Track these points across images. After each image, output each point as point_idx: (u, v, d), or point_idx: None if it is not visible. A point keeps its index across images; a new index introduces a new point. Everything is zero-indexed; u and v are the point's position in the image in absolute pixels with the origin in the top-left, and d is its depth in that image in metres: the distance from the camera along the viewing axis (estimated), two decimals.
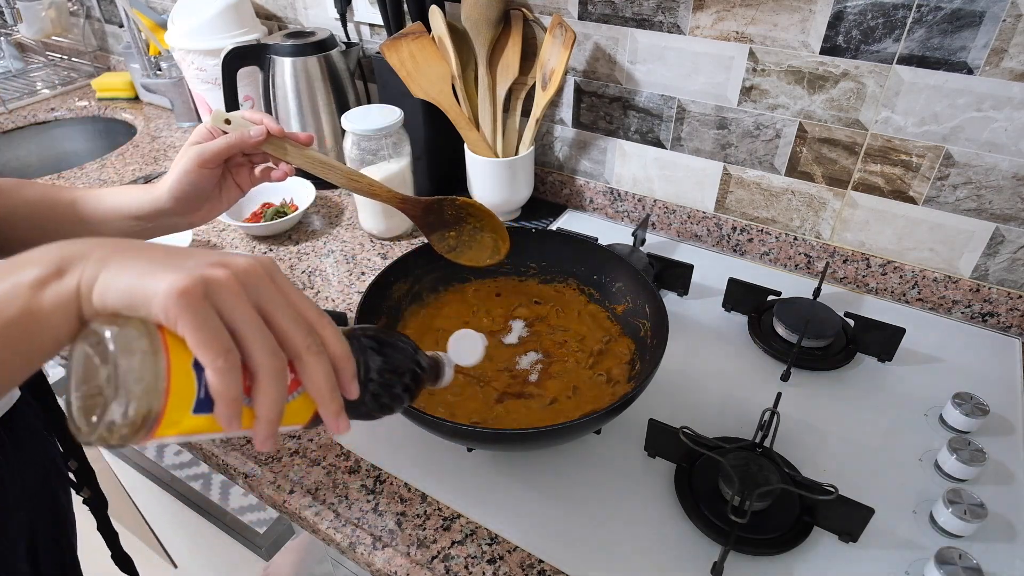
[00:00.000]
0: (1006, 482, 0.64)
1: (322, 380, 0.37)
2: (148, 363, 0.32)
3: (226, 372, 0.33)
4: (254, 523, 0.81)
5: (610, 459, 0.67)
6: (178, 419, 0.33)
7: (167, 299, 0.32)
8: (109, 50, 1.71)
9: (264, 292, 0.36)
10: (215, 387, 0.33)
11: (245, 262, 0.36)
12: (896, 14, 0.73)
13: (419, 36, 0.94)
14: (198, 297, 0.32)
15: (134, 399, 0.31)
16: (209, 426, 0.34)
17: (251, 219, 1.06)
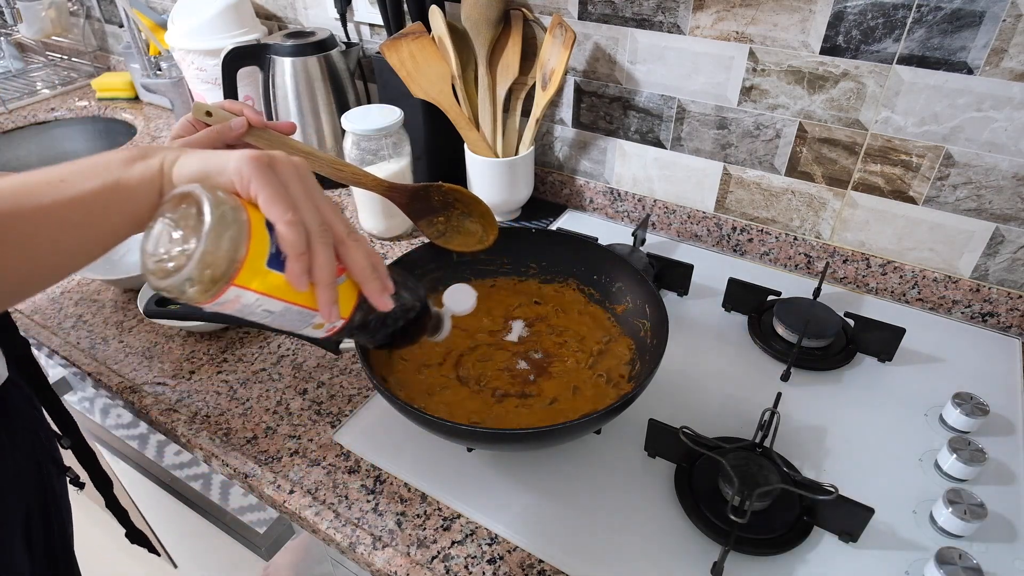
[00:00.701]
0: (1006, 482, 0.64)
1: (364, 260, 0.42)
2: (232, 215, 0.36)
3: (295, 225, 0.38)
4: (254, 523, 0.81)
5: (610, 459, 0.67)
6: (254, 271, 0.37)
7: (240, 164, 0.37)
8: (109, 50, 1.71)
9: (310, 183, 0.40)
10: (286, 239, 0.37)
11: (296, 158, 0.41)
12: (896, 14, 0.73)
13: (419, 36, 0.94)
14: (265, 164, 0.38)
15: (221, 247, 0.35)
16: (278, 287, 0.38)
17: None
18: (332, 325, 0.44)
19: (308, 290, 0.40)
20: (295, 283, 0.38)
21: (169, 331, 0.85)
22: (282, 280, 0.38)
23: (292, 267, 0.38)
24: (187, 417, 0.73)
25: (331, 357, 0.80)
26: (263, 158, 0.38)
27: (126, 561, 1.61)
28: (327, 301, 0.40)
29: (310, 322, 0.42)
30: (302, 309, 0.41)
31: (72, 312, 0.89)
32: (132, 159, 0.39)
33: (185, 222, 0.36)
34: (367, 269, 0.42)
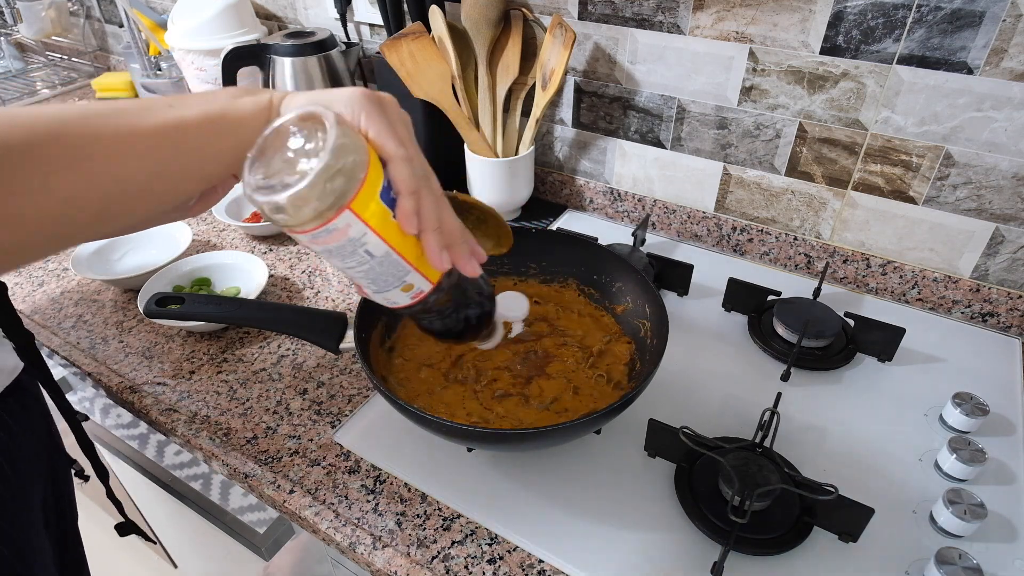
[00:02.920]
0: (1006, 482, 0.64)
1: (456, 222, 0.42)
2: (352, 137, 0.36)
3: (409, 161, 0.38)
4: (254, 523, 0.81)
5: (610, 459, 0.67)
6: (369, 197, 0.36)
7: (351, 97, 0.38)
8: (109, 50, 1.71)
9: (411, 128, 0.42)
10: (400, 174, 0.38)
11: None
12: (896, 14, 0.73)
13: (419, 36, 0.94)
14: (375, 101, 0.39)
15: (343, 164, 0.34)
16: (387, 224, 0.38)
17: (251, 219, 1.06)
18: (420, 290, 0.43)
19: (411, 241, 0.39)
20: (405, 222, 0.38)
21: (169, 331, 0.85)
22: (390, 219, 0.38)
23: (404, 204, 0.37)
24: (187, 417, 0.73)
25: (331, 357, 0.80)
26: (373, 96, 0.39)
27: (126, 561, 1.61)
28: (435, 246, 0.39)
29: (402, 280, 0.41)
30: (400, 260, 0.40)
31: (72, 312, 0.89)
32: (241, 93, 0.40)
33: (304, 141, 0.35)
34: (458, 231, 0.41)
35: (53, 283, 0.95)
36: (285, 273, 0.96)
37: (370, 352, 0.68)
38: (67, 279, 0.96)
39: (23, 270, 0.98)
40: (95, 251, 0.94)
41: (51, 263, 0.99)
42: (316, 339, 0.68)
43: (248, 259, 0.91)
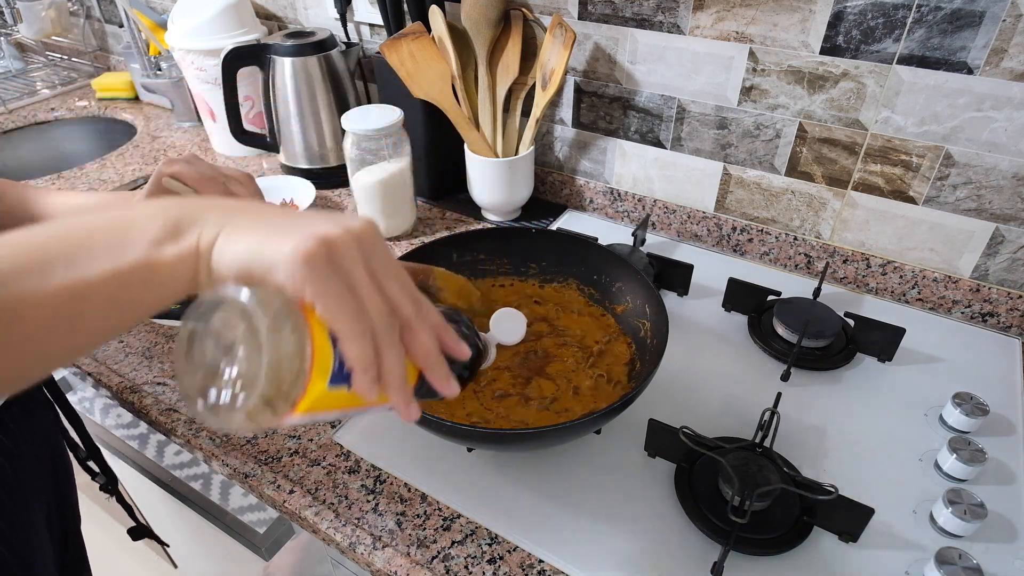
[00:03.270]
0: (1006, 482, 0.64)
1: (431, 346, 0.36)
2: (290, 337, 0.30)
3: (362, 336, 0.32)
4: (254, 523, 0.81)
5: (610, 459, 0.67)
6: (317, 396, 0.32)
7: (293, 264, 0.31)
8: (109, 50, 1.71)
9: (376, 257, 0.35)
10: (352, 353, 0.32)
11: (360, 224, 0.35)
12: (896, 14, 0.73)
13: (419, 36, 0.94)
14: (323, 261, 0.32)
15: (278, 378, 0.30)
16: (342, 399, 0.34)
17: None
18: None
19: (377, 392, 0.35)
20: (364, 395, 0.34)
21: (169, 331, 0.85)
22: (348, 393, 0.34)
23: (359, 381, 0.33)
24: (187, 417, 0.73)
25: None
26: (320, 253, 0.32)
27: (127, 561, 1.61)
28: (401, 402, 0.36)
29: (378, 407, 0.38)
30: (367, 407, 0.37)
31: None
32: (163, 238, 0.33)
33: (233, 337, 0.30)
34: (431, 355, 0.37)
35: None
36: None
37: None
38: None
39: None
40: None
41: None
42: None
43: None
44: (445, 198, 1.13)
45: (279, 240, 0.32)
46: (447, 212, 1.09)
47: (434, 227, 1.06)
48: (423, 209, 1.10)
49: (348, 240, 0.33)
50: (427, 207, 1.11)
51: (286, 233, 0.32)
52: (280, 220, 0.34)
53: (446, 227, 1.06)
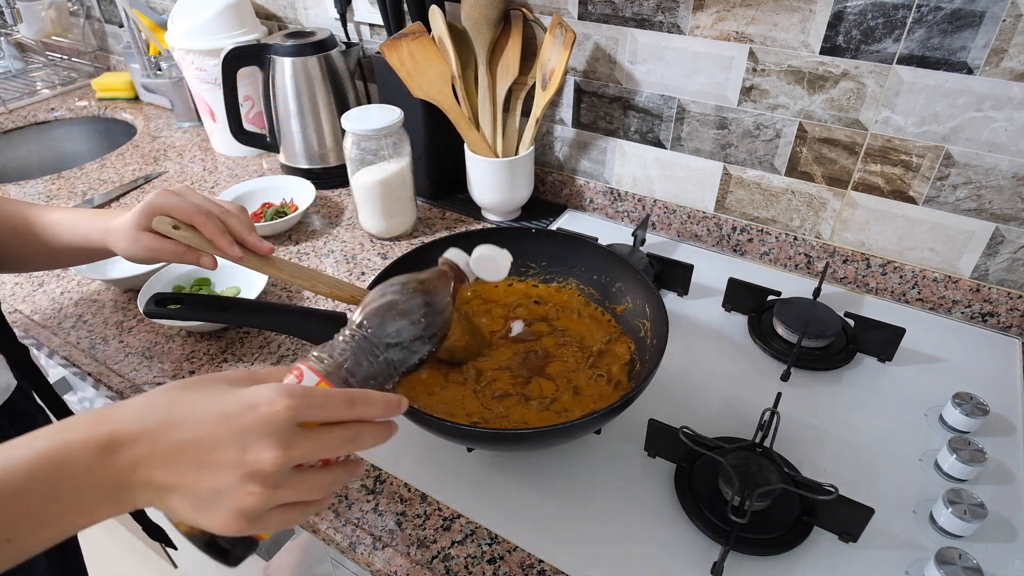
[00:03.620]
0: (1006, 482, 0.64)
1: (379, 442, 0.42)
2: None
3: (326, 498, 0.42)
4: None
5: (610, 459, 0.67)
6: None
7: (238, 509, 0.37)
8: (109, 50, 1.71)
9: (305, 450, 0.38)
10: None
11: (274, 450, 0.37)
12: (896, 14, 0.73)
13: (419, 36, 0.94)
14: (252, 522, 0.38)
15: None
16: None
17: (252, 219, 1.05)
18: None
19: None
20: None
21: (169, 331, 0.85)
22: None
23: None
24: None
25: None
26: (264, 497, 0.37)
27: (127, 562, 1.61)
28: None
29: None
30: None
31: (72, 312, 0.89)
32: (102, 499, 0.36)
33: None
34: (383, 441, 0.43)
35: (53, 283, 0.95)
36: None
37: None
38: (67, 279, 0.96)
39: None
40: None
41: None
42: (316, 339, 0.68)
43: None
44: (445, 198, 1.13)
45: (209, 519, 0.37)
46: (447, 212, 1.09)
47: (434, 227, 1.06)
48: (423, 209, 1.10)
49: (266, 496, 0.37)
50: (427, 207, 1.11)
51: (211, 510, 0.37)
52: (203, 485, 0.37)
53: (446, 227, 1.06)
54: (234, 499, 0.37)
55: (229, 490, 0.37)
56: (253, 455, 0.36)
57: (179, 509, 0.37)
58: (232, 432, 0.37)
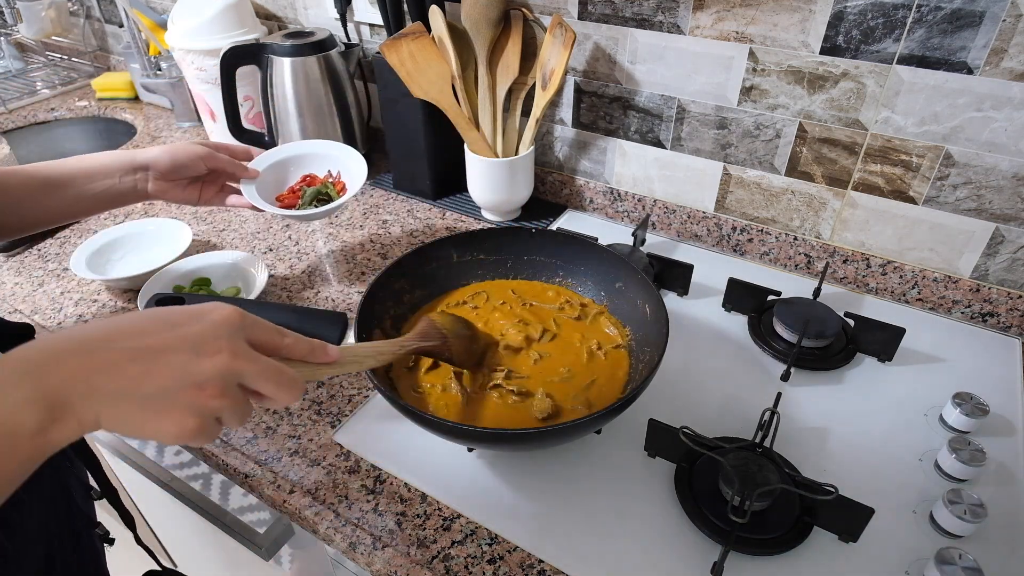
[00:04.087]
0: (1006, 482, 0.64)
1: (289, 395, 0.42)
2: None
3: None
4: (254, 523, 0.81)
5: (610, 459, 0.67)
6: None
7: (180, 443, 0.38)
8: (109, 50, 1.71)
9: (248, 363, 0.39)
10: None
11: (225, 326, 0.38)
12: (896, 14, 0.73)
13: (419, 36, 0.94)
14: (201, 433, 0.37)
15: None
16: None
17: (287, 197, 0.89)
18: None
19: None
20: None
21: None
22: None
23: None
24: None
25: None
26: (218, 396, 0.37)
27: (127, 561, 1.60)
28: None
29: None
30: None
31: (72, 312, 0.89)
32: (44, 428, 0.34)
33: None
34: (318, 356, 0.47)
35: (53, 283, 0.95)
36: (285, 273, 0.96)
37: None
38: (67, 279, 0.96)
39: (23, 270, 0.98)
40: (95, 251, 0.94)
41: (51, 263, 0.99)
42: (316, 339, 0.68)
43: (248, 259, 0.91)
44: (445, 198, 1.13)
45: (157, 421, 0.36)
46: (447, 212, 1.09)
47: (434, 227, 1.06)
48: (423, 209, 1.10)
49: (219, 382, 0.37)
50: (427, 207, 1.11)
51: (161, 410, 0.36)
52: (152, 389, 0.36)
53: (446, 227, 1.06)
54: (188, 396, 0.36)
55: (182, 388, 0.36)
56: (206, 356, 0.37)
57: (127, 416, 0.36)
58: (181, 337, 0.37)
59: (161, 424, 0.36)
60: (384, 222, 1.07)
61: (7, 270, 0.98)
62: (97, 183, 0.73)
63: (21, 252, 1.02)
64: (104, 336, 0.36)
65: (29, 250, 1.03)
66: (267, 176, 0.87)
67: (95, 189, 0.73)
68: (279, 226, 1.06)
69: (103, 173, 0.74)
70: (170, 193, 0.78)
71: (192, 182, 0.80)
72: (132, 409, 0.36)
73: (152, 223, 1.00)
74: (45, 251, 1.02)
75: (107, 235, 0.97)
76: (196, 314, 0.38)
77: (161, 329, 0.37)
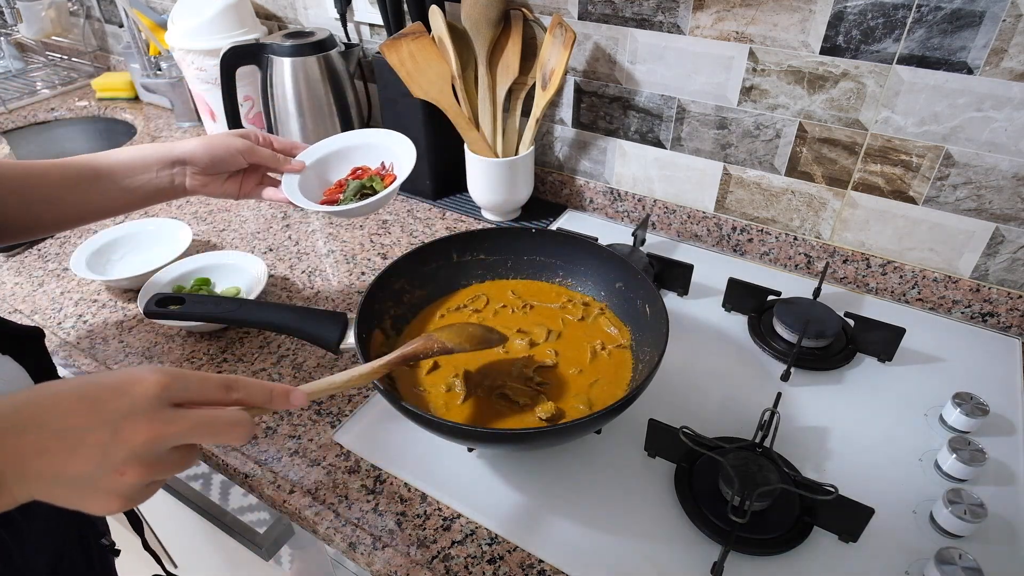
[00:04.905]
0: (1006, 482, 0.64)
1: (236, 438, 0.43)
2: None
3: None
4: (254, 523, 0.81)
5: (610, 459, 0.67)
6: None
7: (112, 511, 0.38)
8: (109, 50, 1.71)
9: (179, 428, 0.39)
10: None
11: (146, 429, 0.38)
12: (896, 14, 0.73)
13: (419, 36, 0.94)
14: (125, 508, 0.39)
15: None
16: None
17: (335, 191, 0.79)
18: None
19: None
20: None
21: (169, 331, 0.85)
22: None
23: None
24: None
25: (331, 357, 0.80)
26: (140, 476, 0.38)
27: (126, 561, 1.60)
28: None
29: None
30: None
31: (72, 312, 0.89)
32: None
33: None
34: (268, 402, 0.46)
35: (53, 283, 0.95)
36: (285, 273, 0.96)
37: (370, 352, 0.68)
38: (67, 279, 0.96)
39: (23, 270, 0.98)
40: (95, 251, 0.94)
41: (51, 263, 0.99)
42: (316, 339, 0.68)
43: (248, 259, 0.91)
44: (445, 198, 1.13)
45: (84, 502, 0.38)
46: (447, 212, 1.09)
47: (434, 227, 1.06)
48: (423, 209, 1.10)
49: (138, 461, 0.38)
50: (427, 207, 1.11)
51: (86, 493, 0.37)
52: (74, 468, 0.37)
53: (446, 227, 1.06)
54: (109, 480, 0.37)
55: (103, 473, 0.37)
56: (123, 436, 0.37)
57: (56, 497, 0.38)
58: (101, 417, 0.37)
59: (87, 504, 0.38)
60: (384, 222, 1.07)
61: (7, 270, 0.98)
62: (136, 177, 0.71)
63: (21, 252, 1.02)
64: (29, 417, 0.37)
65: (29, 250, 1.03)
66: (313, 170, 0.79)
67: (134, 183, 0.71)
68: (279, 226, 1.07)
69: (142, 167, 0.71)
70: (209, 187, 0.75)
71: (232, 176, 0.76)
72: (61, 491, 0.37)
73: (152, 223, 1.00)
74: (45, 251, 1.02)
75: (107, 235, 0.97)
76: (119, 388, 0.38)
77: (85, 409, 0.38)
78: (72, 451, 0.36)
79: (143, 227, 1.00)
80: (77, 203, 0.70)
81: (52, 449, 0.36)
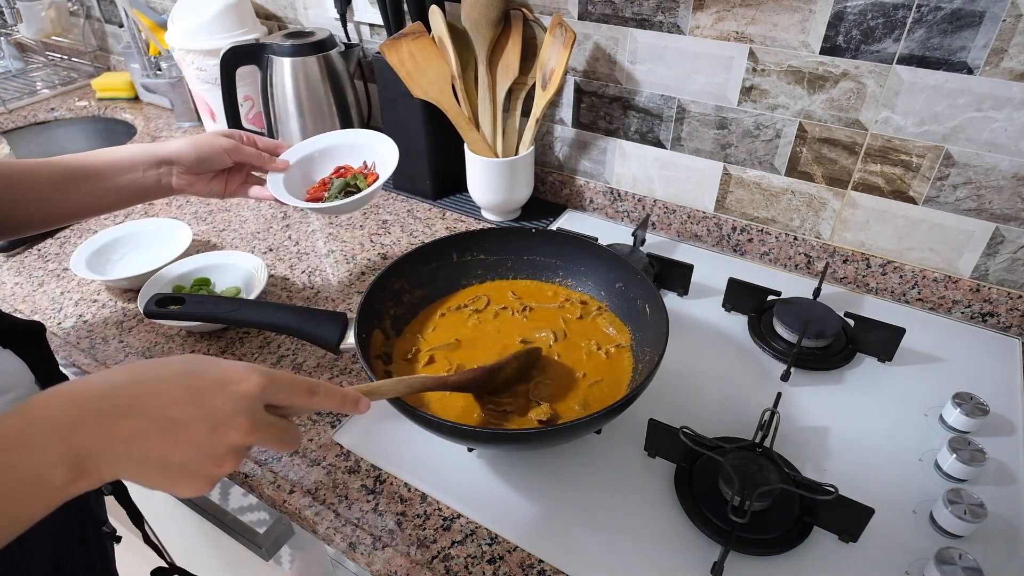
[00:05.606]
0: (1006, 482, 0.64)
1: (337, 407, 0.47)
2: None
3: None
4: (254, 523, 0.81)
5: (610, 459, 0.67)
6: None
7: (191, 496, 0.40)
8: (109, 50, 1.71)
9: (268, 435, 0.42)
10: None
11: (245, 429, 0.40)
12: (896, 14, 0.73)
13: (419, 36, 0.94)
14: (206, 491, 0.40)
15: None
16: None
17: (318, 189, 0.83)
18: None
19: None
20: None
21: (169, 331, 0.85)
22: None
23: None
24: None
25: (331, 357, 0.80)
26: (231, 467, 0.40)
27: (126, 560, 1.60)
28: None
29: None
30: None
31: (72, 312, 0.89)
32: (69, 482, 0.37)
33: None
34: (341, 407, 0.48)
35: (53, 283, 0.95)
36: (285, 273, 0.96)
37: (370, 352, 0.68)
38: (67, 279, 0.96)
39: (23, 270, 0.98)
40: (95, 251, 0.94)
41: (51, 263, 0.99)
42: (316, 339, 0.68)
43: (248, 259, 0.91)
44: (445, 198, 1.13)
45: (173, 485, 0.39)
46: (447, 212, 1.09)
47: (434, 227, 1.06)
48: (423, 209, 1.10)
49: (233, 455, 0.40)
50: (427, 207, 1.11)
51: (179, 478, 0.39)
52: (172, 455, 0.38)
53: (446, 227, 1.06)
54: (205, 468, 0.39)
55: (199, 462, 0.39)
56: (223, 432, 0.39)
57: (146, 479, 0.39)
58: (203, 411, 0.39)
59: (176, 487, 0.39)
60: (384, 222, 1.07)
61: (7, 270, 0.98)
62: (122, 176, 0.72)
63: (21, 252, 1.02)
64: (129, 402, 0.38)
65: (29, 250, 1.03)
66: (297, 168, 0.83)
67: (120, 183, 0.72)
68: (279, 226, 1.07)
69: (128, 166, 0.72)
70: (195, 187, 0.76)
71: (217, 175, 0.78)
72: (152, 474, 0.39)
73: (152, 223, 1.00)
74: (45, 251, 1.02)
75: (107, 235, 0.97)
76: (220, 383, 0.40)
77: (184, 399, 0.39)
78: (173, 440, 0.38)
79: (143, 227, 0.99)
80: (65, 202, 0.70)
81: (152, 435, 0.38)
